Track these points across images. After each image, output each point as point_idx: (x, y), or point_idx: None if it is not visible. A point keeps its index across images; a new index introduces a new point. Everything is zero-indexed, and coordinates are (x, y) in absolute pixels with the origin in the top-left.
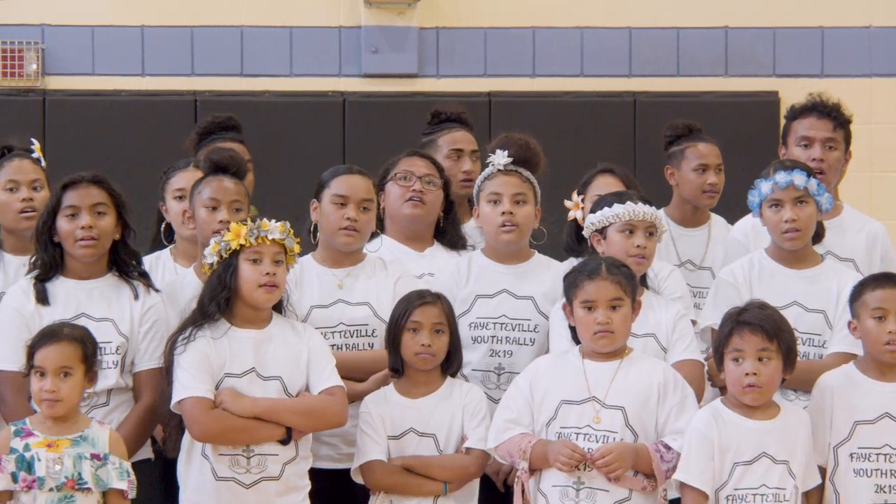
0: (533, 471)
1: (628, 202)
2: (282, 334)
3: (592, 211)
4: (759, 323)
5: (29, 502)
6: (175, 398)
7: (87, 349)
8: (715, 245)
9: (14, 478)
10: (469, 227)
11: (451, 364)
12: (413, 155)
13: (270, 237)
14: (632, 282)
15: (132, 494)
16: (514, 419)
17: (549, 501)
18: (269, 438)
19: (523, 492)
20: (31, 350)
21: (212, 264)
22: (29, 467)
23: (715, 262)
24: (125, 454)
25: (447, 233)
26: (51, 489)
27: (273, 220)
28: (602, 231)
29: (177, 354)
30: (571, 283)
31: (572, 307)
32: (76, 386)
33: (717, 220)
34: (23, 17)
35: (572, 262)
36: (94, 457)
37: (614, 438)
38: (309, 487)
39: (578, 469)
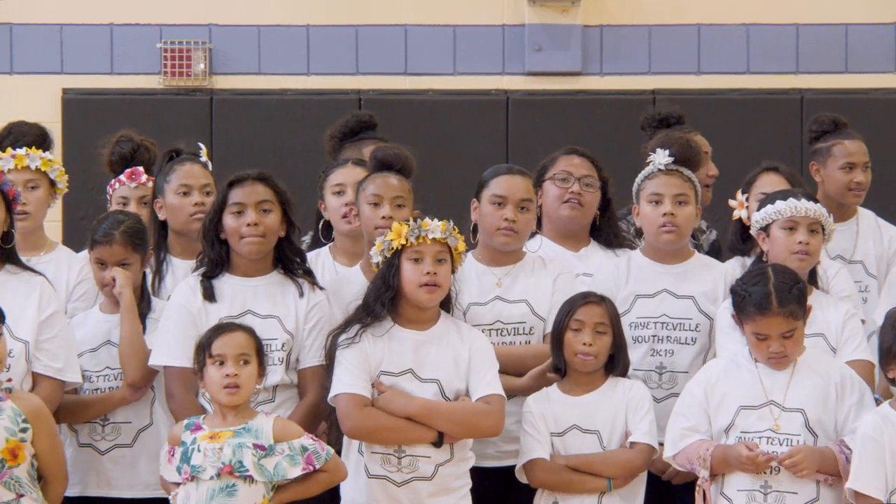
0: (713, 476)
1: (791, 199)
2: (445, 336)
3: (758, 209)
4: None
5: (191, 492)
6: (332, 392)
7: (259, 342)
8: (865, 238)
9: (179, 471)
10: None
11: (615, 366)
12: (572, 153)
13: (431, 236)
14: (803, 299)
15: (320, 463)
16: (692, 427)
17: None
18: (419, 440)
19: (705, 499)
20: (206, 344)
21: (377, 263)
22: (189, 459)
23: (867, 256)
24: (294, 433)
25: (603, 231)
26: (211, 477)
27: (435, 219)
28: (766, 229)
29: (339, 349)
30: (741, 308)
31: (742, 324)
32: (253, 375)
33: (864, 213)
34: (191, 18)
35: (738, 262)
36: (258, 447)
37: (796, 441)
38: (469, 486)
39: (765, 473)
